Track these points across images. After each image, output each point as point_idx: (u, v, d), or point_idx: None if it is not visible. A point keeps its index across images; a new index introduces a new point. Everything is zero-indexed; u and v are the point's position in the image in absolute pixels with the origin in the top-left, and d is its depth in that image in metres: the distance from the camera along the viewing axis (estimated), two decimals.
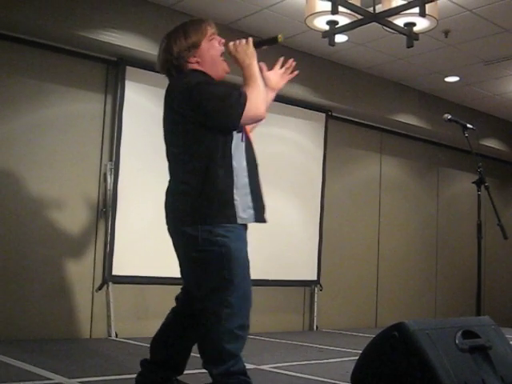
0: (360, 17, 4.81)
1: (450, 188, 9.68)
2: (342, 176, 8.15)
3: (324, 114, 7.78)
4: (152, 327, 3.55)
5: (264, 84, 3.27)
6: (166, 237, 3.38)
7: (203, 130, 3.03)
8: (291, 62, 3.60)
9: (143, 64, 6.18)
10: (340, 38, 6.41)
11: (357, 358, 3.21)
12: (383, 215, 8.59)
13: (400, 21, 4.83)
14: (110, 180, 6.02)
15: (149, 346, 3.39)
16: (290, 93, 7.18)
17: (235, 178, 3.00)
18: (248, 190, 3.03)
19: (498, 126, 9.70)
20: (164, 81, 5.86)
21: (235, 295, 2.97)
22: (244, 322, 3.05)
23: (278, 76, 3.60)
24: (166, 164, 3.39)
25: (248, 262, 3.07)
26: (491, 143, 9.52)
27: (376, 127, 8.55)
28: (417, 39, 4.92)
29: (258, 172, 3.15)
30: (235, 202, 2.98)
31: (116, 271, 5.97)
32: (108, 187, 6.03)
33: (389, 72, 7.90)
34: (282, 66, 3.61)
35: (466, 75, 7.88)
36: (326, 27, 4.93)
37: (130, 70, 6.17)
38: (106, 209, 6.02)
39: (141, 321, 6.14)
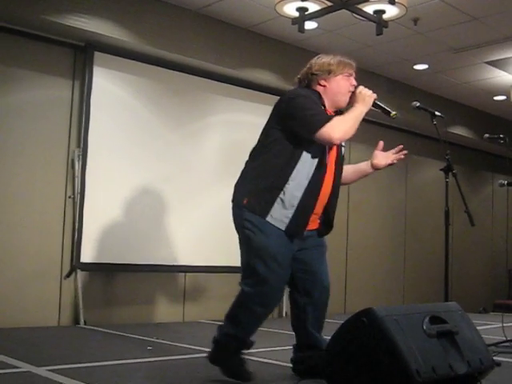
0: (330, 4, 4.81)
1: (419, 175, 9.75)
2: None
3: None
4: (120, 314, 3.55)
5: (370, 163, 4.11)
6: (135, 223, 3.37)
7: (286, 130, 3.43)
8: (400, 147, 4.10)
9: (112, 49, 6.13)
10: (310, 25, 6.40)
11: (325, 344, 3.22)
12: (352, 202, 8.63)
13: (369, 8, 4.85)
14: (77, 166, 5.97)
15: (117, 333, 3.38)
16: (259, 79, 7.17)
17: (287, 186, 3.35)
18: (296, 203, 3.35)
19: (466, 114, 9.78)
20: (132, 67, 5.84)
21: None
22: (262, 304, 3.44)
23: (384, 156, 4.08)
24: (134, 150, 3.45)
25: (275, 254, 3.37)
26: (459, 131, 9.60)
27: None
28: (386, 27, 4.94)
29: (319, 197, 3.49)
30: (274, 204, 3.35)
31: (84, 258, 5.92)
32: (76, 174, 5.97)
33: (358, 59, 7.75)
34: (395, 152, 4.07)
35: (434, 63, 7.93)
36: (296, 14, 4.93)
37: (98, 55, 6.11)
38: (73, 195, 5.97)
39: (109, 308, 6.11)
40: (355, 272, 8.58)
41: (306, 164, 3.39)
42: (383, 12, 4.84)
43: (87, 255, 5.94)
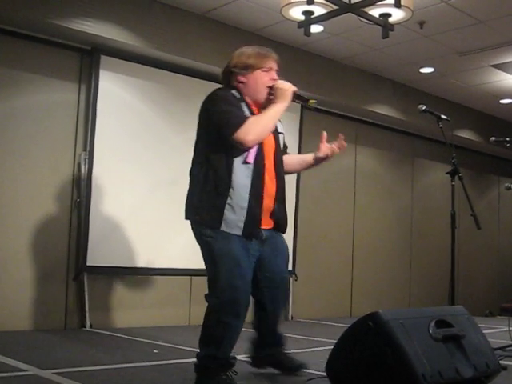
0: (335, 7, 4.81)
1: (425, 178, 9.74)
2: (317, 166, 8.14)
3: (299, 105, 7.75)
4: (126, 318, 3.56)
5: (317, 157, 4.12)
6: (141, 227, 3.40)
7: (212, 139, 3.41)
8: (341, 137, 4.07)
9: (118, 53, 6.14)
10: (315, 29, 6.40)
11: (331, 347, 3.22)
12: (358, 206, 8.63)
13: (375, 11, 4.84)
14: (84, 170, 5.98)
15: (123, 336, 3.41)
16: None
17: (231, 191, 3.34)
18: (245, 205, 3.35)
19: (473, 117, 9.77)
20: (139, 71, 5.85)
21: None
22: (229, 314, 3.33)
23: (328, 148, 4.07)
24: (140, 154, 3.50)
25: (238, 259, 3.37)
26: (465, 134, 9.58)
27: (351, 117, 8.57)
28: (392, 30, 4.93)
29: (265, 192, 3.50)
30: (225, 212, 3.33)
31: (90, 262, 5.93)
32: (82, 177, 5.98)
33: (364, 62, 7.91)
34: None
35: (440, 66, 7.92)
36: (302, 17, 4.92)
37: (104, 59, 6.12)
38: (80, 199, 5.98)
39: (115, 311, 6.11)
40: (361, 275, 8.56)
41: (243, 164, 3.39)
42: (389, 15, 4.83)
43: (93, 258, 5.94)
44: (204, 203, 3.38)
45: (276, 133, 3.69)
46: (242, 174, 3.37)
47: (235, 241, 3.35)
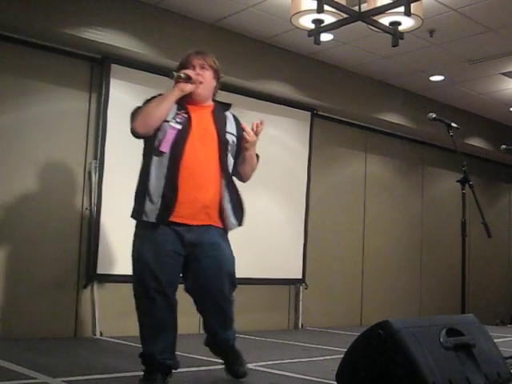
0: (345, 15, 4.81)
1: (435, 186, 9.72)
2: (327, 174, 8.17)
3: (309, 113, 7.78)
4: (136, 326, 3.55)
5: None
6: None
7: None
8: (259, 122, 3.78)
9: (128, 62, 6.16)
10: (325, 37, 6.42)
11: (342, 356, 3.21)
12: (368, 214, 8.61)
13: (385, 20, 4.83)
14: (94, 178, 6.00)
15: (133, 344, 3.43)
16: (275, 91, 7.19)
17: (149, 182, 3.49)
18: (160, 192, 3.45)
19: (483, 125, 9.75)
20: (149, 79, 5.91)
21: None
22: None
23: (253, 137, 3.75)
24: None
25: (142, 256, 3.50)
26: (476, 142, 9.56)
27: (361, 126, 8.57)
28: (402, 38, 4.92)
29: (181, 181, 3.48)
30: (145, 204, 3.47)
31: (101, 270, 5.94)
32: (93, 186, 6.00)
33: (374, 71, 7.92)
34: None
35: (450, 74, 7.91)
36: (312, 26, 4.92)
37: (114, 67, 6.15)
38: (90, 207, 6.00)
39: (126, 320, 6.11)
40: (371, 284, 8.54)
41: (158, 153, 3.52)
42: (399, 24, 4.82)
43: (104, 266, 5.96)
44: (135, 199, 3.56)
45: (222, 128, 3.70)
46: (158, 163, 3.50)
47: (150, 240, 3.47)
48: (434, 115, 4.72)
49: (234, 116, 3.87)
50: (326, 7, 4.50)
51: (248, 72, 6.90)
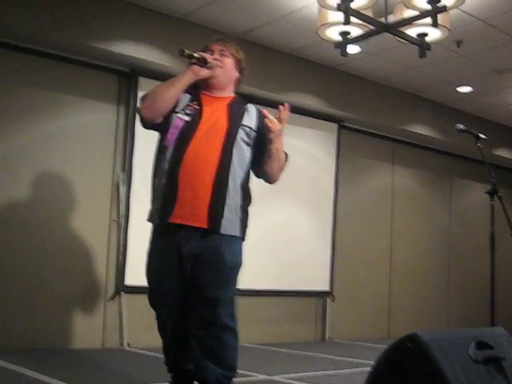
0: (372, 27, 4.81)
1: (463, 198, 9.65)
2: (354, 186, 8.14)
3: (336, 125, 7.78)
4: None
5: None
6: None
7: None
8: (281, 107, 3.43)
9: (156, 75, 6.20)
10: (352, 49, 6.41)
11: (369, 369, 3.20)
12: (395, 226, 8.57)
13: (412, 31, 4.83)
14: (122, 190, 6.04)
15: (160, 356, 3.43)
16: (302, 103, 7.19)
17: (156, 179, 3.31)
18: (162, 192, 3.22)
19: (511, 136, 9.67)
20: None
21: None
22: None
23: (277, 125, 3.37)
24: None
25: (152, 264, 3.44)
26: (504, 153, 9.48)
27: (388, 137, 8.54)
28: (429, 49, 4.91)
29: (181, 178, 3.18)
30: (151, 205, 3.32)
31: (128, 281, 5.98)
32: (120, 197, 6.05)
33: (401, 82, 7.90)
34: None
35: (478, 85, 7.86)
36: (339, 38, 4.93)
37: (142, 80, 6.19)
38: (118, 219, 6.04)
39: (153, 331, 6.12)
40: (399, 296, 8.49)
41: (166, 151, 3.25)
42: (426, 35, 4.82)
43: (131, 278, 5.99)
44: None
45: (235, 122, 3.33)
46: (162, 158, 3.26)
47: (156, 249, 3.39)
48: (462, 126, 4.70)
49: (258, 109, 3.49)
50: (353, 19, 4.51)
51: (275, 84, 6.92)
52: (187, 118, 3.22)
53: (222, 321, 3.15)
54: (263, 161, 3.37)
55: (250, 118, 3.40)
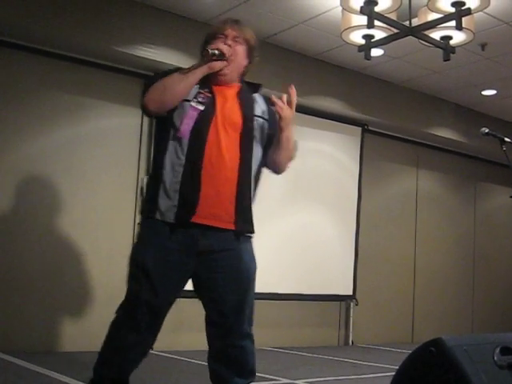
0: (396, 30, 4.80)
1: (488, 202, 9.57)
2: (378, 190, 8.12)
3: (360, 128, 7.76)
4: (187, 340, 3.57)
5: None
6: None
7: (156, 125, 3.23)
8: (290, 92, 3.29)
9: None
10: (376, 52, 6.40)
11: (393, 373, 3.18)
12: (419, 230, 8.53)
13: (436, 34, 4.81)
14: None
15: (184, 359, 3.40)
16: (325, 107, 7.19)
17: (164, 172, 2.94)
18: (178, 187, 2.88)
19: None
20: None
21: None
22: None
23: (288, 111, 3.22)
24: None
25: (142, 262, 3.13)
26: None
27: (412, 141, 8.51)
28: (453, 52, 4.89)
29: (204, 173, 2.90)
30: (158, 199, 2.91)
31: None
32: None
33: (425, 85, 7.86)
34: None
35: (503, 88, 7.81)
36: (362, 41, 4.93)
37: None
38: None
39: (176, 334, 6.15)
40: (423, 300, 8.44)
41: (181, 142, 2.93)
42: (450, 38, 4.80)
43: None
44: (146, 193, 3.07)
45: (249, 114, 3.12)
46: (174, 150, 2.94)
47: (159, 246, 2.94)
48: (487, 130, 4.66)
49: (264, 96, 3.32)
50: (377, 22, 4.50)
51: (298, 88, 6.82)
52: (201, 107, 2.95)
53: (244, 328, 3.04)
54: (272, 150, 3.15)
55: (260, 107, 3.23)
